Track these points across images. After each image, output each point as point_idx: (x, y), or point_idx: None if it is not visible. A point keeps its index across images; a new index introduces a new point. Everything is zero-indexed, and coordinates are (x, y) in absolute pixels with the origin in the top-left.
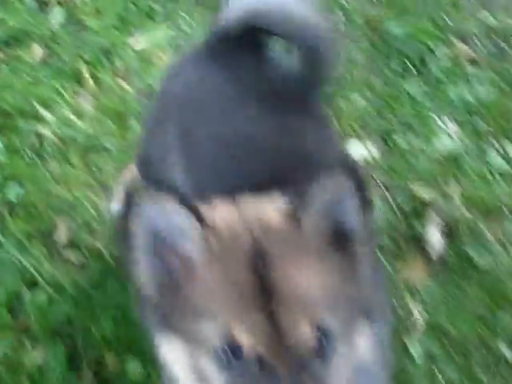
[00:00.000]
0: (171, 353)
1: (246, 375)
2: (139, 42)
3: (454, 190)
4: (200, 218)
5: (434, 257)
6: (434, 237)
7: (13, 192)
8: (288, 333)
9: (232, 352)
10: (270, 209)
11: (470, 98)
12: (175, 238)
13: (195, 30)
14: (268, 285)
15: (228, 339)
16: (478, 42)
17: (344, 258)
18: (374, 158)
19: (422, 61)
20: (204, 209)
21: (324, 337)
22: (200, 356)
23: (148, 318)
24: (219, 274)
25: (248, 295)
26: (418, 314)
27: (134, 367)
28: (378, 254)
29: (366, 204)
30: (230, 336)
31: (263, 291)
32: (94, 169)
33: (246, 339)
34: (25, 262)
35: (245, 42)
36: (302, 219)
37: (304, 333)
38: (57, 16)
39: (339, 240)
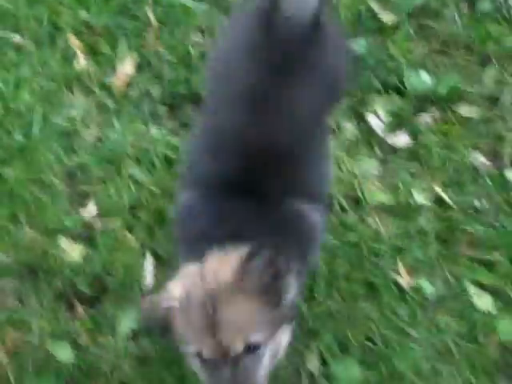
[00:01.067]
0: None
1: (209, 369)
2: None
3: None
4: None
5: None
6: None
7: None
8: (229, 347)
9: (201, 358)
10: (226, 267)
11: None
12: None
13: None
14: (215, 321)
15: (198, 353)
16: None
17: (271, 297)
18: None
19: None
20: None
21: (252, 346)
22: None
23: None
24: (187, 319)
25: (204, 329)
26: None
27: None
28: None
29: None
30: (199, 352)
31: (212, 325)
32: None
33: (205, 353)
34: None
35: None
36: (245, 277)
37: (238, 347)
38: None
39: (269, 291)
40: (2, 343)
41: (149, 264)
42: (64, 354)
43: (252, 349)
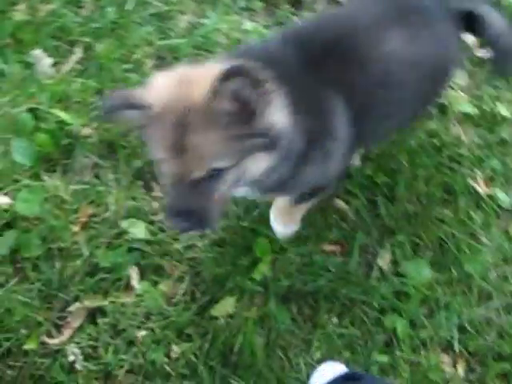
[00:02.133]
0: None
1: (168, 182)
2: None
3: None
4: (144, 104)
5: None
6: None
7: None
8: (191, 172)
9: (164, 174)
10: (200, 86)
11: None
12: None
13: None
14: (183, 143)
15: (163, 168)
16: None
17: (247, 122)
18: None
19: None
20: (148, 94)
21: (216, 172)
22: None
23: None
24: (156, 131)
25: (171, 147)
26: None
27: None
28: None
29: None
30: (161, 161)
31: (179, 148)
32: None
33: (165, 168)
34: None
35: None
36: (217, 100)
37: (200, 173)
38: None
39: (244, 111)
40: (76, 216)
41: None
42: (138, 231)
43: (214, 174)
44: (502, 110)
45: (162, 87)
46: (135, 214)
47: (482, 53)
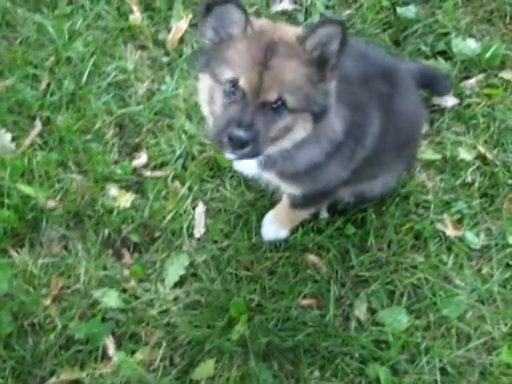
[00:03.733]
0: (202, 83)
1: (233, 100)
2: None
3: None
4: (246, 17)
5: None
6: None
7: None
8: (265, 92)
9: (232, 85)
10: (292, 30)
11: None
12: (228, 22)
13: None
14: (267, 64)
15: (234, 78)
16: None
17: (319, 74)
18: None
19: None
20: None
21: (282, 104)
22: (215, 87)
23: (199, 64)
24: (246, 47)
25: (254, 64)
26: None
27: None
28: None
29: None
30: (236, 78)
31: (263, 66)
32: None
33: (242, 82)
34: None
35: None
36: (306, 41)
37: (271, 95)
38: None
39: (322, 63)
40: (47, 289)
41: (199, 213)
42: (111, 300)
43: (278, 105)
44: (464, 155)
45: (259, 21)
46: (107, 283)
47: (439, 101)
